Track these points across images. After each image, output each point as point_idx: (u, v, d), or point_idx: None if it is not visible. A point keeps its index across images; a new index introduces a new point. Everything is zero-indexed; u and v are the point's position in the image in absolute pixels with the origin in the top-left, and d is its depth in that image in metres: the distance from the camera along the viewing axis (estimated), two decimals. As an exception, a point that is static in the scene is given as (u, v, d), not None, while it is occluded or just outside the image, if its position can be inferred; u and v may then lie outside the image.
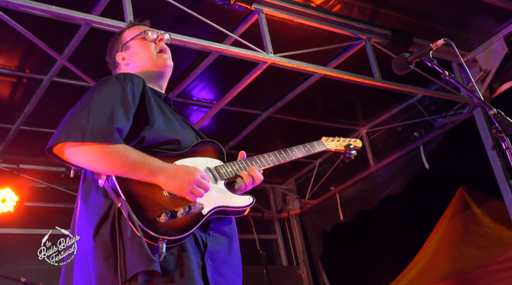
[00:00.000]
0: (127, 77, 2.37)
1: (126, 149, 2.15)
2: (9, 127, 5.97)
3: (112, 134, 2.12)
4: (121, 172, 2.13)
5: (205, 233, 2.24)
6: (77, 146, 2.13)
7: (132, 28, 2.76)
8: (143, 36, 2.68)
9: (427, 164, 6.88)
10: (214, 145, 2.49)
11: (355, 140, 3.02)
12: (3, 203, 6.03)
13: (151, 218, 2.05)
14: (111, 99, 2.24)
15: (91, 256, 2.14)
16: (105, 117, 2.16)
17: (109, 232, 2.12)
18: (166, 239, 2.03)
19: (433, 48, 2.77)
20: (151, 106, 2.36)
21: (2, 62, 5.12)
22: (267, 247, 8.25)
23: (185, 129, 2.48)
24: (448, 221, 6.96)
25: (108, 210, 2.15)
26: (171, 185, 2.15)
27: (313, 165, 8.30)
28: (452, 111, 6.74)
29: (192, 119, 6.61)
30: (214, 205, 2.23)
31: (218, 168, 2.38)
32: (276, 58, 5.03)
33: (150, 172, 2.14)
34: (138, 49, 2.66)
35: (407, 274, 7.06)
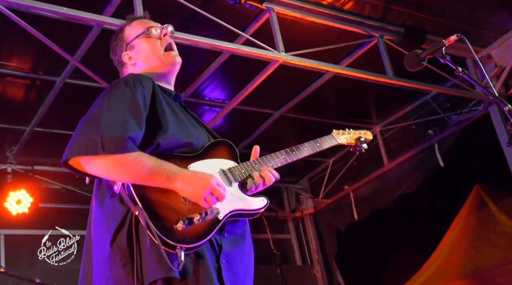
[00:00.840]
0: (136, 81, 2.32)
1: (141, 157, 2.13)
2: (23, 129, 6.02)
3: (125, 143, 2.10)
4: (138, 180, 2.12)
5: (220, 235, 2.23)
6: (92, 158, 2.11)
7: (133, 23, 2.67)
8: (147, 34, 2.60)
9: (442, 162, 6.82)
10: (227, 145, 2.46)
11: (365, 132, 2.97)
12: (18, 205, 6.07)
13: (168, 226, 2.05)
14: (121, 107, 2.20)
15: (109, 263, 2.14)
16: (117, 127, 2.13)
17: (126, 239, 2.11)
18: (184, 247, 2.03)
19: (446, 44, 2.73)
20: (163, 109, 2.33)
21: (16, 64, 5.16)
22: (281, 246, 8.23)
23: (197, 130, 2.45)
24: (464, 219, 6.88)
25: (125, 216, 2.14)
26: (186, 191, 2.14)
27: (327, 164, 8.27)
28: (467, 108, 6.67)
29: (205, 119, 6.61)
30: (230, 209, 2.22)
31: (232, 170, 2.35)
32: (288, 56, 5.01)
33: (166, 178, 2.12)
34: (144, 48, 2.58)
35: (423, 274, 6.99)
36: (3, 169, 6.37)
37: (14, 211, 6.06)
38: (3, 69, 5.16)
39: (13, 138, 6.17)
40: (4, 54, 5.02)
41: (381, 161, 7.58)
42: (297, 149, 2.62)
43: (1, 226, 6.26)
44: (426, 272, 6.94)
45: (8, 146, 6.29)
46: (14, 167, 6.40)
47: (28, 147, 6.22)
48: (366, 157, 7.83)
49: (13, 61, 5.12)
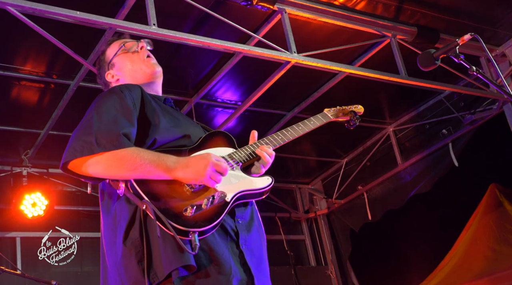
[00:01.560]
0: (122, 87, 2.39)
1: (138, 151, 2.16)
2: (38, 132, 6.07)
3: (119, 139, 2.14)
4: (138, 174, 2.13)
5: (234, 221, 2.26)
6: (89, 158, 2.14)
7: (112, 45, 2.72)
8: (124, 49, 2.66)
9: (456, 162, 6.77)
10: (224, 135, 2.51)
11: (356, 106, 3.01)
12: (33, 207, 6.12)
13: (178, 214, 2.07)
14: (110, 109, 2.25)
15: (123, 263, 2.15)
16: (109, 125, 2.18)
17: (138, 235, 2.13)
18: (197, 231, 2.04)
19: (459, 43, 2.72)
20: (154, 108, 2.38)
21: (30, 68, 5.21)
22: (295, 247, 8.23)
23: (192, 125, 2.51)
24: (480, 219, 6.83)
25: (134, 214, 2.16)
26: (189, 175, 2.15)
27: (340, 164, 8.25)
28: (481, 107, 6.62)
29: (217, 120, 6.63)
30: (236, 190, 2.25)
31: (231, 155, 2.39)
32: (300, 57, 5.00)
33: (166, 168, 2.14)
34: (124, 63, 2.64)
35: (438, 274, 6.95)
36: (18, 172, 6.43)
37: (30, 213, 6.11)
38: (18, 73, 5.21)
39: (28, 142, 6.23)
40: (19, 58, 5.07)
41: (394, 161, 7.55)
42: (292, 128, 2.66)
43: (17, 229, 6.32)
44: (441, 273, 6.90)
45: (23, 150, 6.35)
46: (30, 170, 6.46)
47: (43, 150, 6.27)
48: (379, 157, 7.81)
49: (28, 65, 5.17)
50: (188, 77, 5.81)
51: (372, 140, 7.80)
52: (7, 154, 6.35)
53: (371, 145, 7.83)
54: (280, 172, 8.12)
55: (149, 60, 2.65)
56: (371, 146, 7.84)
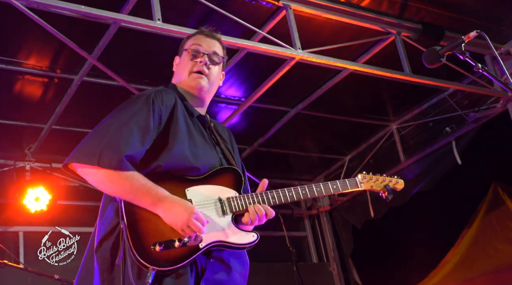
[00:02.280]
0: (157, 97, 2.43)
1: (133, 177, 2.24)
2: (41, 127, 6.08)
3: (120, 162, 2.22)
4: (126, 198, 2.24)
5: (206, 259, 2.29)
6: (88, 167, 2.26)
7: (196, 36, 2.77)
8: (188, 52, 2.70)
9: (459, 160, 6.76)
10: (234, 173, 2.49)
11: (396, 181, 2.82)
12: (36, 202, 6.13)
13: (145, 246, 2.15)
14: (130, 124, 2.30)
15: (92, 266, 2.30)
16: (118, 144, 2.25)
17: (109, 249, 2.24)
18: (156, 269, 2.12)
19: (465, 41, 2.70)
20: (178, 129, 2.40)
21: (34, 63, 5.21)
22: (297, 244, 8.22)
23: (209, 153, 2.49)
24: (482, 217, 6.83)
25: (115, 227, 2.26)
26: (167, 219, 2.23)
27: (343, 161, 8.24)
28: (485, 105, 6.60)
29: (221, 116, 6.62)
30: (213, 239, 2.27)
31: (230, 199, 2.39)
32: (305, 54, 4.99)
33: (152, 202, 2.23)
34: (181, 62, 2.72)
35: (440, 271, 6.95)
36: (21, 166, 6.43)
37: (33, 208, 6.12)
38: (21, 67, 5.21)
39: (31, 136, 6.23)
40: (23, 53, 5.06)
41: (398, 159, 7.54)
42: (309, 189, 2.57)
43: (20, 223, 6.33)
44: (443, 270, 6.91)
45: (26, 144, 6.35)
46: (33, 164, 6.46)
47: (46, 145, 6.28)
48: (382, 154, 7.80)
49: (32, 60, 5.16)
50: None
51: (375, 137, 7.78)
52: (10, 148, 6.36)
53: (374, 142, 7.82)
54: (282, 169, 8.12)
55: (196, 75, 2.63)
56: (374, 143, 7.82)
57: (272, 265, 7.37)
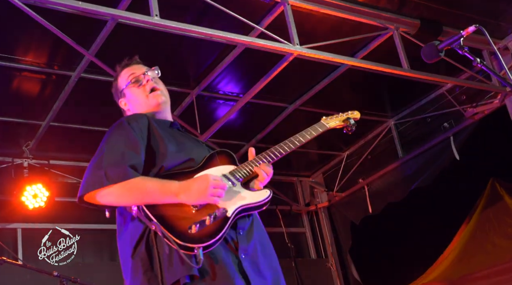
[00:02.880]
0: (130, 119, 2.60)
1: (144, 180, 2.37)
2: (39, 123, 6.06)
3: (126, 171, 2.36)
4: (146, 202, 2.34)
5: (235, 233, 2.41)
6: (101, 190, 2.36)
7: (122, 72, 2.89)
8: (131, 83, 2.82)
9: (457, 155, 6.76)
10: (225, 153, 2.66)
11: (352, 112, 3.08)
12: (34, 199, 6.12)
13: (183, 232, 2.25)
14: (120, 143, 2.47)
15: (131, 273, 2.36)
16: (117, 160, 2.40)
17: (144, 249, 2.33)
18: (201, 247, 2.22)
19: (464, 35, 2.69)
20: (160, 135, 2.57)
21: (31, 59, 5.19)
22: (295, 240, 8.23)
23: (197, 146, 2.68)
24: (480, 213, 6.84)
25: (143, 232, 2.37)
26: (192, 198, 2.34)
27: (341, 157, 8.24)
28: (483, 101, 6.61)
29: (219, 112, 6.61)
30: (237, 205, 2.40)
31: (232, 172, 2.54)
32: (303, 49, 4.98)
33: (171, 194, 2.34)
34: (132, 96, 2.83)
35: (438, 267, 6.97)
36: (19, 163, 6.43)
37: (31, 205, 6.10)
38: (19, 64, 5.19)
39: (29, 133, 6.21)
40: (20, 49, 5.05)
41: (396, 154, 7.55)
42: (290, 141, 2.75)
43: (18, 220, 6.32)
44: (441, 266, 6.93)
45: (24, 141, 6.33)
46: (31, 161, 6.45)
47: (44, 141, 6.26)
48: (380, 150, 7.80)
49: (29, 56, 5.15)
50: (190, 69, 5.79)
51: (373, 133, 7.79)
52: (8, 145, 6.34)
53: (372, 138, 7.82)
54: (281, 165, 8.10)
55: (153, 94, 2.80)
56: (372, 139, 7.83)
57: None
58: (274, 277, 2.47)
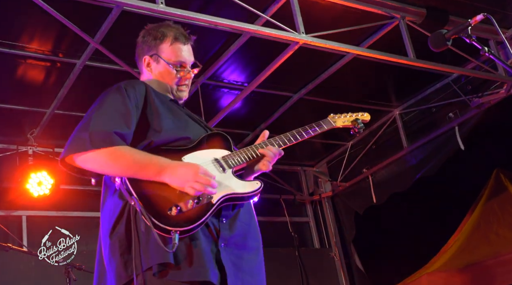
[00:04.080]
0: (128, 85, 2.47)
1: (131, 151, 2.27)
2: (43, 111, 6.07)
3: (111, 137, 2.25)
4: (130, 174, 2.24)
5: (218, 220, 2.32)
6: (84, 154, 2.26)
7: (174, 44, 2.66)
8: (174, 62, 2.65)
9: (462, 145, 6.74)
10: (221, 136, 2.58)
11: (362, 114, 3.00)
12: (39, 186, 6.14)
13: (162, 213, 2.16)
14: (111, 108, 2.36)
15: (109, 253, 2.28)
16: (104, 124, 2.29)
17: (124, 229, 2.25)
18: (178, 231, 2.13)
19: (471, 24, 2.69)
20: (157, 107, 2.46)
21: (36, 47, 5.18)
22: (299, 229, 8.25)
23: (193, 125, 2.57)
24: (484, 203, 6.83)
25: (123, 209, 2.27)
26: (175, 183, 2.24)
27: (345, 147, 8.23)
28: (489, 91, 6.58)
29: (223, 102, 6.61)
30: (223, 193, 2.32)
31: (225, 157, 2.46)
32: (308, 38, 4.96)
33: (156, 171, 2.24)
34: (163, 72, 2.66)
35: (441, 257, 6.97)
36: (24, 151, 6.44)
37: (36, 192, 6.13)
38: (23, 51, 5.19)
39: (34, 121, 6.23)
40: (25, 36, 5.03)
41: (400, 144, 7.53)
42: (292, 135, 2.70)
43: (23, 207, 6.35)
44: (445, 255, 6.93)
45: (29, 129, 6.35)
46: (35, 149, 6.47)
47: (48, 129, 6.27)
48: (385, 140, 7.79)
49: (34, 44, 5.14)
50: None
51: (378, 123, 7.77)
52: (12, 133, 6.35)
53: (377, 128, 7.80)
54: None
55: (181, 88, 2.69)
56: (376, 129, 7.81)
57: (274, 250, 7.39)
58: (254, 271, 2.36)
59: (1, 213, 6.24)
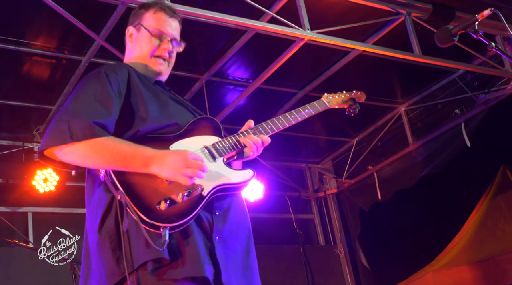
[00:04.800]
0: (108, 70, 2.32)
1: (114, 142, 2.14)
2: (49, 108, 6.08)
3: (92, 129, 2.10)
4: (114, 166, 2.11)
5: (211, 213, 2.22)
6: (64, 147, 2.12)
7: (156, 13, 2.57)
8: (154, 32, 2.53)
9: (468, 142, 6.72)
10: (210, 122, 2.44)
11: (357, 93, 2.85)
12: (45, 183, 6.15)
13: (151, 207, 2.04)
14: (90, 96, 2.21)
15: (99, 250, 2.15)
16: (83, 114, 2.14)
17: (113, 224, 2.12)
18: (168, 226, 2.02)
19: (478, 19, 2.67)
20: (141, 93, 2.32)
21: (42, 44, 5.19)
22: (304, 226, 8.24)
23: (181, 110, 2.43)
24: (490, 200, 6.80)
25: (110, 203, 2.15)
26: (164, 173, 2.10)
27: (350, 144, 8.22)
28: (495, 87, 6.55)
29: (228, 98, 6.60)
30: (214, 184, 2.20)
31: (215, 144, 2.33)
32: (313, 34, 4.95)
33: (143, 162, 2.11)
34: (143, 41, 2.54)
35: (447, 254, 6.95)
36: (30, 148, 6.45)
37: (42, 189, 6.14)
38: (29, 48, 5.20)
39: (39, 117, 6.24)
40: (30, 33, 5.05)
41: (406, 141, 7.51)
42: (284, 117, 2.54)
43: (29, 204, 6.37)
44: (451, 253, 6.90)
45: (34, 125, 6.37)
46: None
47: (54, 126, 6.28)
48: (390, 137, 7.77)
49: (39, 41, 5.15)
50: (200, 54, 5.78)
51: (383, 119, 7.75)
52: (18, 130, 6.37)
53: (382, 124, 7.79)
54: (290, 151, 8.11)
55: (157, 60, 2.53)
56: (382, 126, 7.79)
57: (279, 247, 7.39)
58: (248, 264, 2.27)
59: (7, 210, 6.26)
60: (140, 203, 2.05)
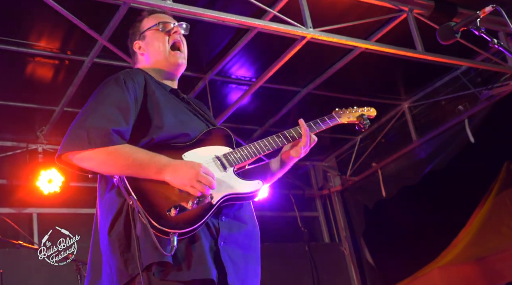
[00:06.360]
0: (127, 76, 2.39)
1: (131, 150, 2.20)
2: (53, 109, 6.09)
3: (110, 136, 2.17)
4: (129, 173, 2.18)
5: (217, 219, 2.28)
6: (81, 153, 2.19)
7: (151, 16, 2.69)
8: (158, 27, 2.63)
9: (472, 138, 6.71)
10: (222, 132, 2.50)
11: (368, 109, 2.90)
12: (49, 184, 6.16)
13: (161, 213, 2.11)
14: (109, 103, 2.27)
15: (109, 251, 2.22)
16: (102, 121, 2.20)
17: (123, 227, 2.19)
18: (177, 233, 2.09)
19: (480, 16, 2.66)
20: (158, 100, 2.38)
21: (45, 45, 5.20)
22: (308, 224, 8.24)
23: (194, 120, 2.49)
24: (495, 196, 6.79)
25: (121, 207, 2.22)
26: (176, 182, 2.18)
27: (354, 141, 8.21)
28: (499, 83, 6.53)
29: (231, 97, 6.60)
30: (224, 193, 2.27)
31: (226, 155, 2.39)
32: (316, 32, 4.95)
33: (157, 170, 2.18)
34: (153, 41, 2.62)
35: (452, 250, 6.94)
36: (34, 149, 6.47)
37: (46, 190, 6.15)
38: (32, 49, 5.21)
39: (43, 118, 6.26)
40: (33, 35, 5.06)
41: (409, 138, 7.50)
42: (295, 131, 2.57)
43: (34, 204, 6.39)
44: (456, 249, 6.90)
45: (38, 126, 6.38)
46: (45, 146, 6.50)
47: (58, 127, 6.30)
48: (394, 134, 7.76)
49: (42, 41, 5.16)
50: (203, 54, 5.78)
51: (387, 116, 7.74)
52: (22, 131, 6.39)
53: (386, 121, 7.78)
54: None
55: (175, 53, 2.61)
56: (385, 123, 7.79)
57: (284, 245, 7.40)
58: (254, 270, 2.34)
59: (12, 211, 6.29)
60: (151, 209, 2.12)
